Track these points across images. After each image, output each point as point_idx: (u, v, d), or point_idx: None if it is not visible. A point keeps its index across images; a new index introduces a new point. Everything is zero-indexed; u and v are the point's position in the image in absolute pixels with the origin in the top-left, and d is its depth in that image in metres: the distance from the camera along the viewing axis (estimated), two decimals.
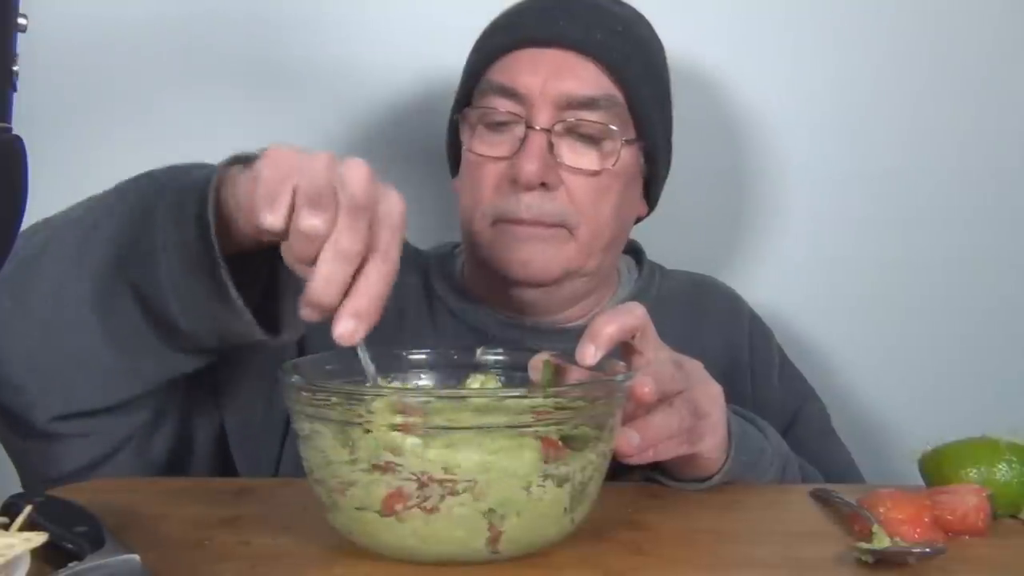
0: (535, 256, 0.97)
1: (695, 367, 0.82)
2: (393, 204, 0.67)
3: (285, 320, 0.80)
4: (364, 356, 0.69)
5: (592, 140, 0.98)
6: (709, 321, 1.10)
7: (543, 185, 0.96)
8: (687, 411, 0.79)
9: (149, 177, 0.80)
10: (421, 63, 1.25)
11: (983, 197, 1.33)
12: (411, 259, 1.10)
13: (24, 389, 0.80)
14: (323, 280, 0.64)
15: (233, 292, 0.73)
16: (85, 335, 0.78)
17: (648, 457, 0.77)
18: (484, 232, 0.99)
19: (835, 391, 1.29)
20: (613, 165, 0.98)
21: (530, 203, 0.96)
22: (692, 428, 0.79)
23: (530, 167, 0.94)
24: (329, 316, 0.65)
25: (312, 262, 0.65)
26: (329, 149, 1.28)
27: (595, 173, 0.97)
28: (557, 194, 0.97)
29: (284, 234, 0.66)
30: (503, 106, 0.98)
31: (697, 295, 1.13)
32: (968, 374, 1.33)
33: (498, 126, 0.99)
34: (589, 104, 0.97)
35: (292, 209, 0.65)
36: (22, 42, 0.57)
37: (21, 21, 0.56)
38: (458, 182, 1.05)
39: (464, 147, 1.02)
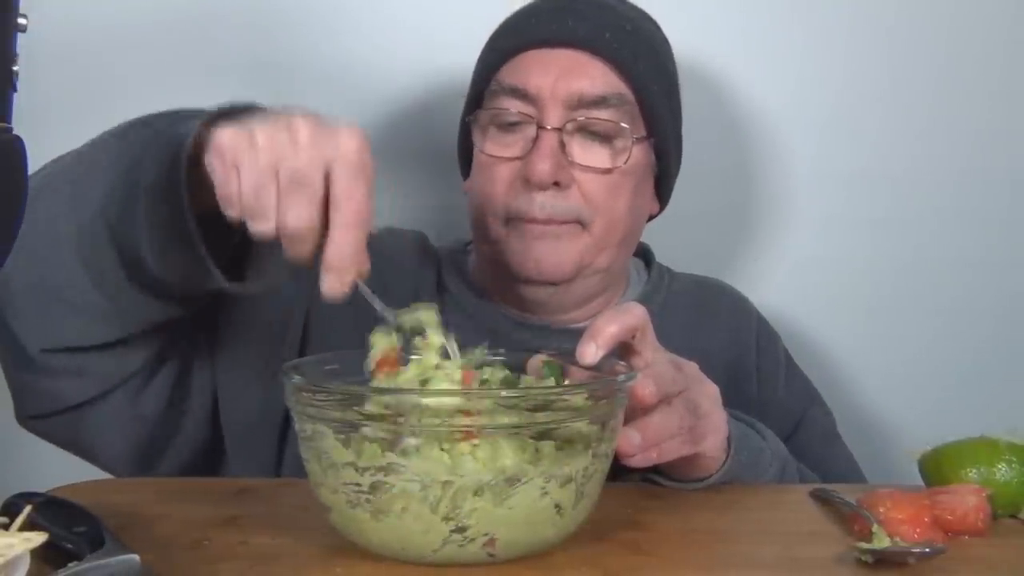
0: (548, 253, 0.98)
1: (692, 368, 0.82)
2: (343, 143, 0.68)
3: (248, 271, 0.80)
4: (369, 296, 0.71)
5: (603, 138, 0.98)
6: (716, 323, 1.10)
7: (556, 184, 0.96)
8: (687, 411, 0.79)
9: (144, 123, 0.81)
10: (421, 64, 1.25)
11: (985, 198, 1.33)
12: (426, 253, 1.10)
13: (18, 316, 0.82)
14: (289, 249, 0.69)
15: (199, 243, 0.74)
16: (71, 272, 0.80)
17: (651, 458, 0.77)
18: (497, 231, 0.99)
19: (836, 391, 1.29)
20: (625, 163, 0.98)
21: (543, 202, 0.96)
22: (693, 428, 0.79)
23: (542, 166, 0.95)
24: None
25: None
26: None
27: (607, 171, 0.98)
28: (570, 193, 0.97)
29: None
30: (514, 107, 0.98)
31: (704, 297, 1.13)
32: (968, 374, 1.33)
33: (510, 127, 0.99)
34: (599, 103, 0.97)
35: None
36: (22, 42, 0.57)
37: (21, 21, 0.56)
38: (469, 183, 1.06)
39: (476, 148, 1.02)
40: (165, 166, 0.73)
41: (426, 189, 1.24)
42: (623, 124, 0.98)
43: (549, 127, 0.96)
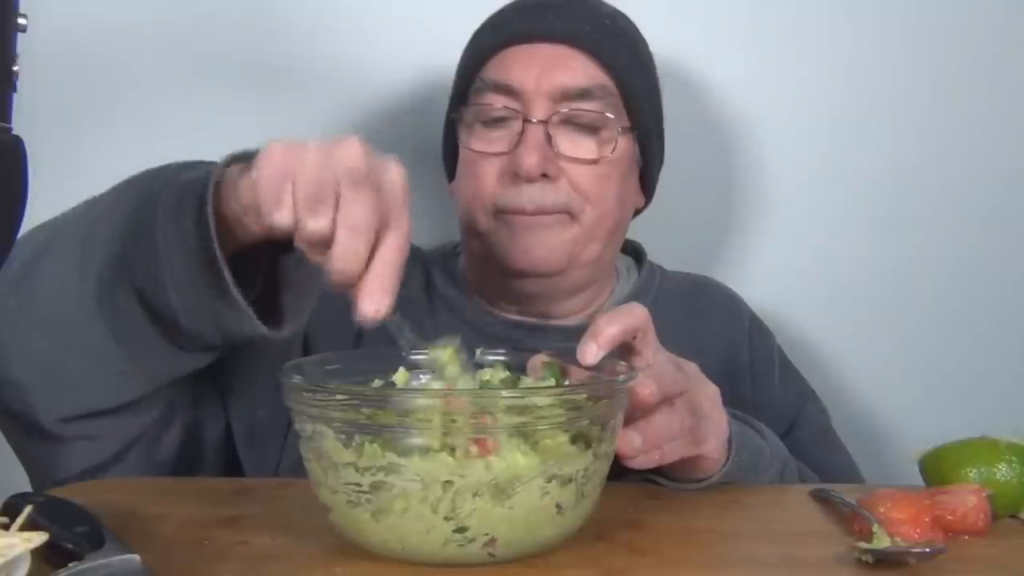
0: (538, 244, 0.98)
1: (693, 368, 0.82)
2: (394, 174, 0.67)
3: (286, 314, 0.79)
4: (396, 329, 0.70)
5: (589, 130, 0.99)
6: (709, 321, 1.10)
7: (544, 176, 0.97)
8: (688, 412, 0.79)
9: (149, 175, 0.80)
10: (420, 64, 1.25)
11: (981, 196, 1.33)
12: (413, 257, 1.10)
13: (31, 390, 0.80)
14: (341, 256, 0.64)
15: (234, 290, 0.73)
16: (90, 334, 0.78)
17: (654, 460, 0.77)
18: (486, 225, 1.00)
19: (835, 391, 1.29)
20: (611, 152, 0.99)
21: (532, 195, 0.97)
22: (694, 429, 0.80)
23: (530, 159, 0.95)
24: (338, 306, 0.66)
25: (327, 245, 0.65)
26: None
27: (594, 161, 0.99)
28: (559, 185, 0.98)
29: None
30: (499, 102, 0.99)
31: (696, 295, 1.13)
32: (968, 374, 1.33)
33: (495, 122, 1.00)
34: (584, 95, 0.98)
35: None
36: (22, 42, 0.57)
37: (21, 21, 0.56)
38: (455, 184, 1.06)
39: (461, 146, 1.03)
40: (185, 213, 0.72)
41: (424, 190, 1.24)
42: (608, 114, 0.99)
43: (535, 120, 0.97)
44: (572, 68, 0.99)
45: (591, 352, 0.74)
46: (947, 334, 1.33)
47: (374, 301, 0.65)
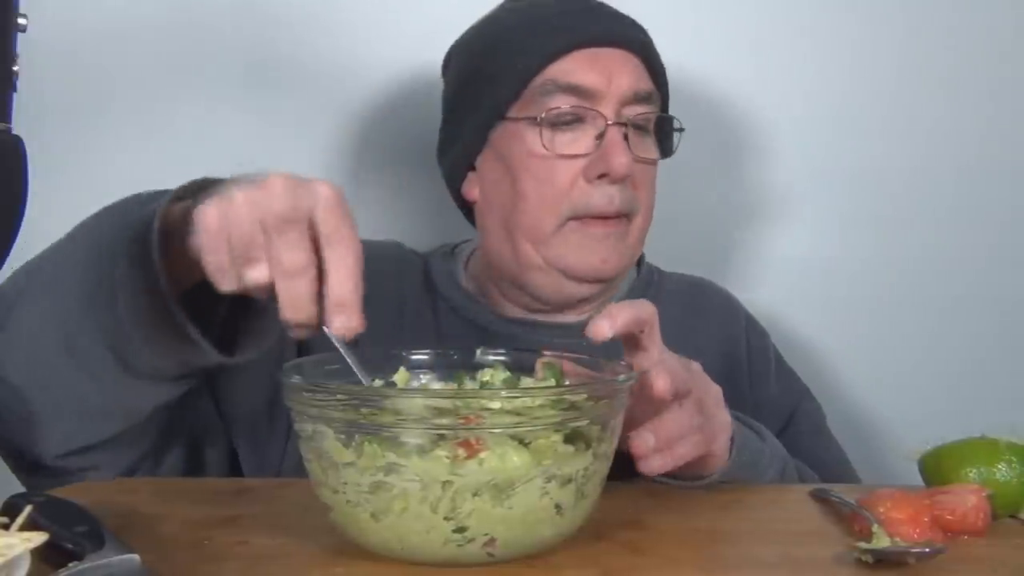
0: (613, 252, 1.00)
1: (698, 367, 0.83)
2: (325, 192, 0.67)
3: (248, 338, 0.80)
4: (351, 358, 0.70)
5: (648, 132, 1.03)
6: (706, 321, 1.11)
7: (624, 177, 0.99)
8: (696, 411, 0.80)
9: (109, 212, 0.81)
10: (419, 64, 1.24)
11: (981, 196, 1.33)
12: (411, 260, 1.10)
13: (26, 429, 0.82)
14: (288, 305, 0.66)
15: (192, 329, 0.74)
16: (66, 377, 0.79)
17: (669, 463, 0.77)
18: (554, 230, 0.99)
19: (834, 391, 1.29)
20: (674, 151, 1.04)
21: (613, 195, 0.99)
22: (703, 427, 0.80)
23: (623, 159, 0.97)
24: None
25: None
26: (328, 149, 1.29)
27: (654, 162, 1.03)
28: (628, 186, 1.00)
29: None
30: (569, 104, 0.99)
31: (694, 295, 1.14)
32: (968, 374, 1.33)
33: (565, 125, 0.99)
34: (646, 99, 1.01)
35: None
36: (22, 42, 0.57)
37: (21, 21, 0.56)
38: (490, 184, 1.04)
39: (524, 150, 1.00)
40: (135, 258, 0.74)
41: (422, 190, 1.24)
42: (672, 115, 1.04)
43: (612, 121, 0.98)
44: (634, 73, 1.01)
45: (604, 327, 0.75)
46: (947, 334, 1.33)
47: (342, 321, 0.66)
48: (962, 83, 1.31)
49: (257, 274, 0.67)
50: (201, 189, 0.72)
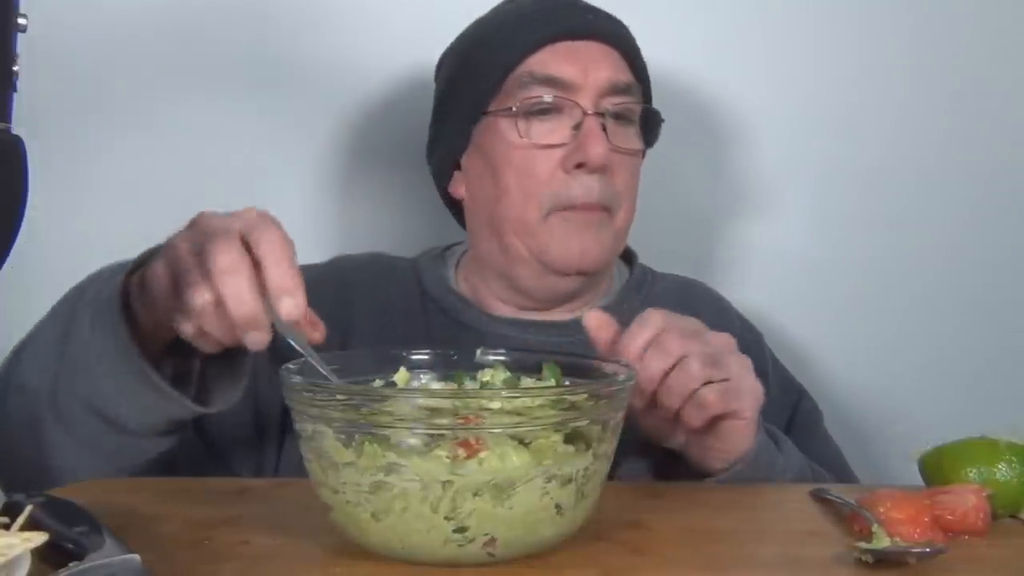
0: (594, 242, 1.01)
1: (721, 338, 0.85)
2: (246, 213, 0.72)
3: (222, 383, 0.84)
4: (307, 351, 0.71)
5: (630, 123, 1.03)
6: (701, 320, 1.10)
7: (601, 168, 0.99)
8: (705, 364, 0.81)
9: (79, 289, 0.85)
10: (416, 64, 1.24)
11: (978, 194, 1.33)
12: (397, 267, 1.10)
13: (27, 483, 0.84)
14: (231, 298, 0.68)
15: (169, 389, 0.79)
16: (68, 452, 0.83)
17: (698, 413, 0.80)
18: (537, 221, 1.00)
19: (833, 391, 1.29)
20: (655, 141, 1.05)
21: (591, 186, 0.99)
22: (722, 381, 0.81)
23: (599, 149, 0.97)
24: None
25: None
26: (325, 148, 1.28)
27: (636, 152, 1.03)
28: (610, 178, 1.00)
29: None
30: (549, 94, 1.00)
31: (686, 298, 1.13)
32: (967, 374, 1.33)
33: (542, 114, 1.00)
34: (625, 90, 1.02)
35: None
36: (22, 42, 0.57)
37: (21, 21, 0.56)
38: (477, 182, 1.05)
39: (503, 143, 1.01)
40: (106, 327, 0.78)
41: (419, 190, 1.24)
42: (654, 107, 1.04)
43: (591, 112, 0.99)
44: (613, 65, 1.02)
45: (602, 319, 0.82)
46: (946, 334, 1.33)
47: (287, 304, 0.68)
48: (949, 78, 1.31)
49: (204, 294, 0.69)
50: (154, 253, 0.78)
